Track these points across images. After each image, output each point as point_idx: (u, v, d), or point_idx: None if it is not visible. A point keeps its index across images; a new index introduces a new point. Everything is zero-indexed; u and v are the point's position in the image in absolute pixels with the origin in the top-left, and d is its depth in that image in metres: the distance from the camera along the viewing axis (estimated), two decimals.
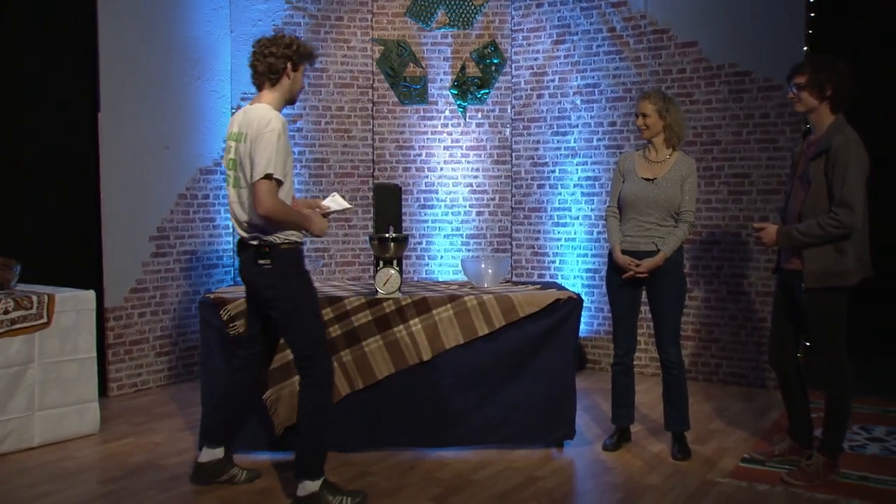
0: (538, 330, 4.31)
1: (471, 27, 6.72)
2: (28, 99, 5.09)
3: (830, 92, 3.78)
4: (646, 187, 4.29)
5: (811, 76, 3.80)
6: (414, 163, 6.75)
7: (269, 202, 3.36)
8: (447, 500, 3.68)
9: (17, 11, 5.00)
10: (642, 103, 4.31)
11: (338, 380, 4.20)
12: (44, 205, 5.19)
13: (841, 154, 3.68)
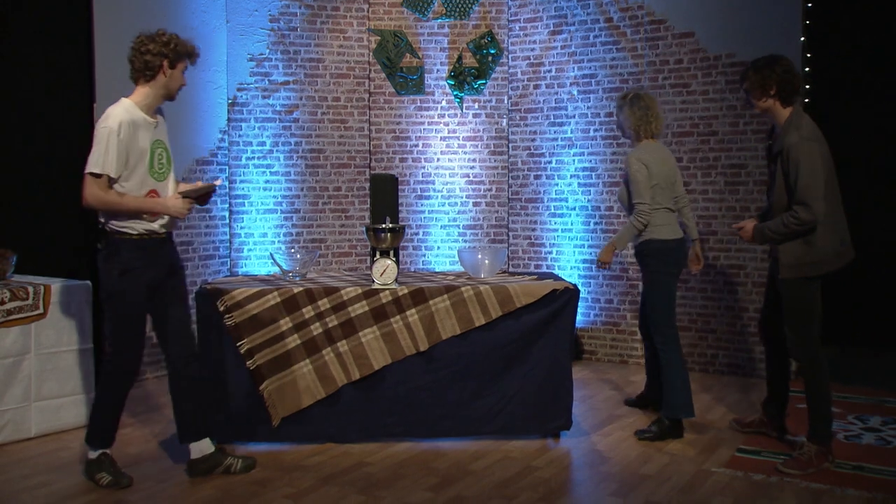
0: (535, 320, 4.32)
1: (467, 17, 6.71)
2: (24, 90, 5.06)
3: (774, 90, 3.96)
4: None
5: (753, 80, 4.02)
6: (411, 153, 6.74)
7: (88, 196, 3.59)
8: (444, 491, 3.69)
9: (13, 2, 4.97)
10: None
11: (334, 371, 4.20)
12: (39, 195, 5.17)
13: (792, 154, 3.83)
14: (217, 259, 6.26)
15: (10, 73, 5.00)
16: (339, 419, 4.27)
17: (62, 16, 5.27)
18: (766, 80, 3.97)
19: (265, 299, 4.18)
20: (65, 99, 5.31)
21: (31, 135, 5.12)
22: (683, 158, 6.03)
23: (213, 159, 6.19)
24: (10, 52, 4.96)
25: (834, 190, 3.95)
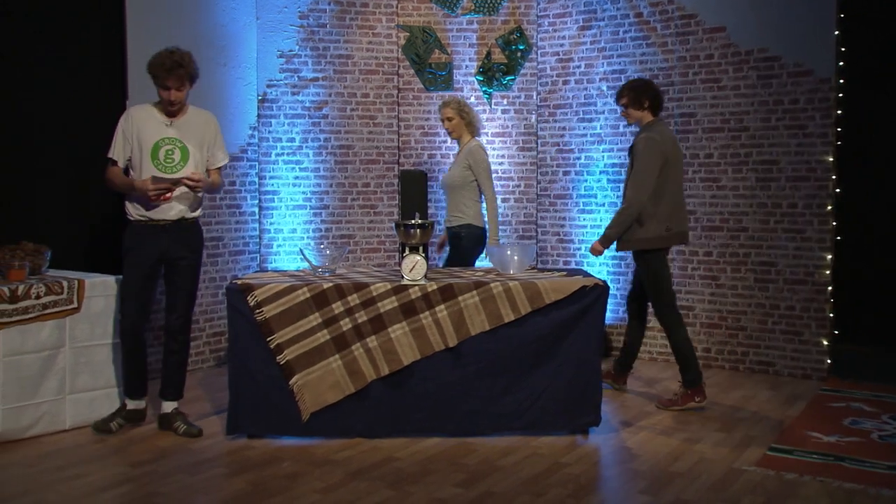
0: (564, 317, 4.31)
1: (496, 13, 6.70)
2: (58, 88, 5.12)
3: (648, 103, 4.89)
4: None
5: (631, 98, 4.91)
6: (439, 149, 6.74)
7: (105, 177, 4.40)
8: (473, 486, 3.69)
9: (47, 2, 5.02)
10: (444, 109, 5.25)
11: (364, 366, 4.22)
12: (74, 191, 5.23)
13: (637, 149, 4.79)
14: (247, 255, 6.31)
15: (45, 71, 5.06)
16: (369, 414, 4.29)
17: (95, 14, 5.33)
18: (641, 96, 4.88)
19: (295, 295, 4.20)
20: (97, 97, 5.36)
21: (65, 132, 5.17)
22: (714, 154, 5.99)
23: (242, 155, 6.23)
24: (44, 52, 5.02)
25: (668, 186, 4.82)
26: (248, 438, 4.32)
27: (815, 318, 5.66)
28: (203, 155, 4.39)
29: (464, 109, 5.24)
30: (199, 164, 4.36)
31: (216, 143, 4.46)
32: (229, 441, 4.31)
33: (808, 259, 5.67)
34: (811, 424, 4.57)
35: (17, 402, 4.23)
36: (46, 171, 5.07)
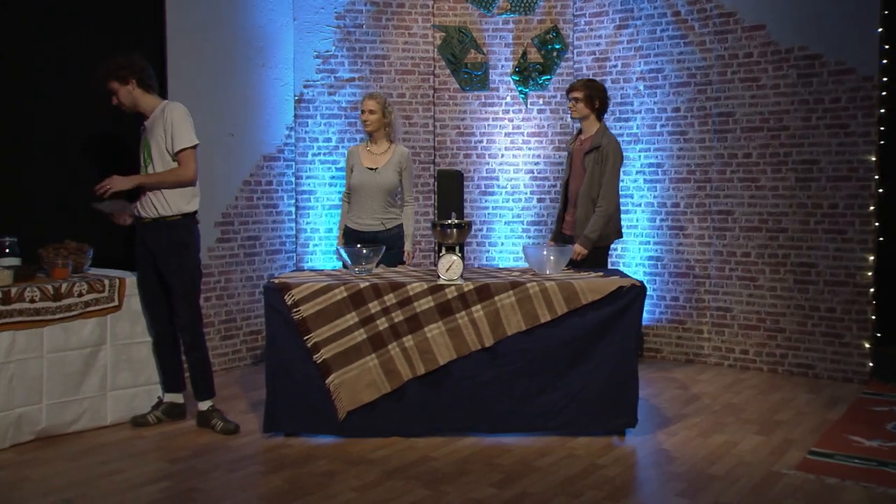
0: (601, 317, 4.28)
1: (532, 13, 6.68)
2: (97, 88, 5.18)
3: (598, 104, 5.13)
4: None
5: (586, 92, 5.10)
6: (475, 149, 6.74)
7: None
8: (508, 487, 3.69)
9: (86, 2, 5.10)
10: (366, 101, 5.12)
11: (400, 366, 4.23)
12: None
13: (607, 151, 5.03)
14: (283, 254, 6.36)
15: (86, 73, 5.13)
16: (404, 413, 4.30)
17: (135, 13, 5.39)
18: (596, 97, 5.11)
19: (332, 294, 4.23)
20: None
21: (106, 134, 5.24)
22: (753, 154, 5.92)
23: (279, 155, 6.28)
24: (84, 51, 5.09)
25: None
26: (285, 437, 4.36)
27: (857, 321, 5.57)
28: (163, 145, 4.39)
29: (387, 108, 5.15)
30: (163, 156, 4.40)
31: (172, 127, 4.37)
32: (266, 439, 4.34)
33: (850, 260, 5.58)
34: (852, 428, 4.51)
35: (61, 397, 4.31)
36: (88, 171, 5.14)
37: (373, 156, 5.13)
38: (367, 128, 5.14)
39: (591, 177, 5.06)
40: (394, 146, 5.16)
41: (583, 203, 5.09)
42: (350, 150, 5.27)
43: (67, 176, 4.90)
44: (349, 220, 5.19)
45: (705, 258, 6.17)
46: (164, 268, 4.46)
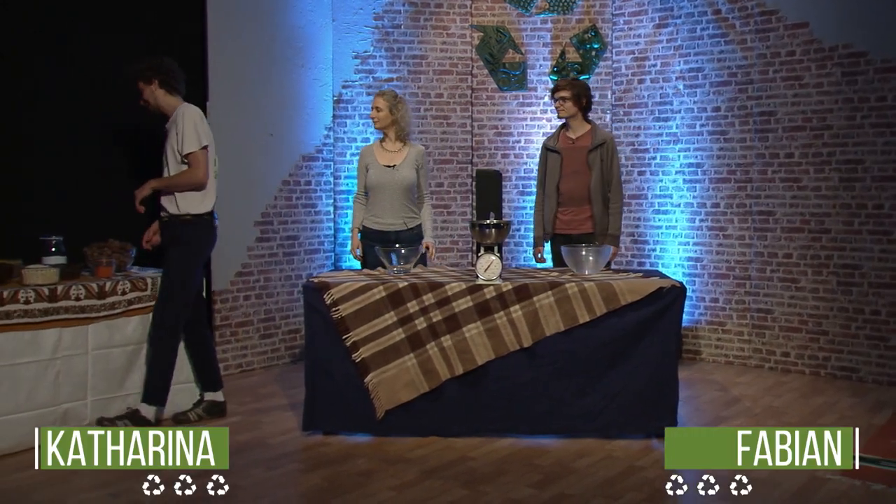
0: (640, 318, 4.25)
1: (571, 12, 6.65)
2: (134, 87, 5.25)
3: (585, 102, 5.19)
4: None
5: (573, 91, 5.16)
6: (513, 149, 6.73)
7: None
8: (547, 488, 3.67)
9: (128, 4, 5.17)
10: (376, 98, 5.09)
11: (438, 365, 4.24)
12: (156, 191, 5.37)
13: (611, 147, 5.18)
14: (322, 253, 6.40)
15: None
16: (443, 413, 4.30)
17: (176, 14, 5.46)
18: (583, 95, 5.18)
19: (371, 293, 4.24)
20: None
21: (147, 134, 5.31)
22: (795, 154, 5.84)
23: (318, 155, 6.33)
24: (127, 53, 5.16)
25: None
26: (324, 435, 4.39)
27: None
28: (176, 147, 4.46)
29: (396, 106, 5.05)
30: (176, 157, 4.47)
31: (183, 130, 4.42)
32: (305, 437, 4.38)
33: (895, 262, 5.48)
34: None
35: (105, 393, 4.38)
36: (131, 171, 5.21)
37: (388, 153, 5.06)
38: (375, 125, 5.11)
39: (600, 174, 5.13)
40: (408, 145, 5.11)
41: (597, 200, 5.14)
42: (363, 149, 5.20)
43: (112, 176, 4.97)
44: (367, 219, 5.10)
45: (746, 259, 6.10)
46: (164, 263, 4.53)
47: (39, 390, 4.11)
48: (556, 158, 5.25)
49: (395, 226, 5.04)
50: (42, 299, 4.11)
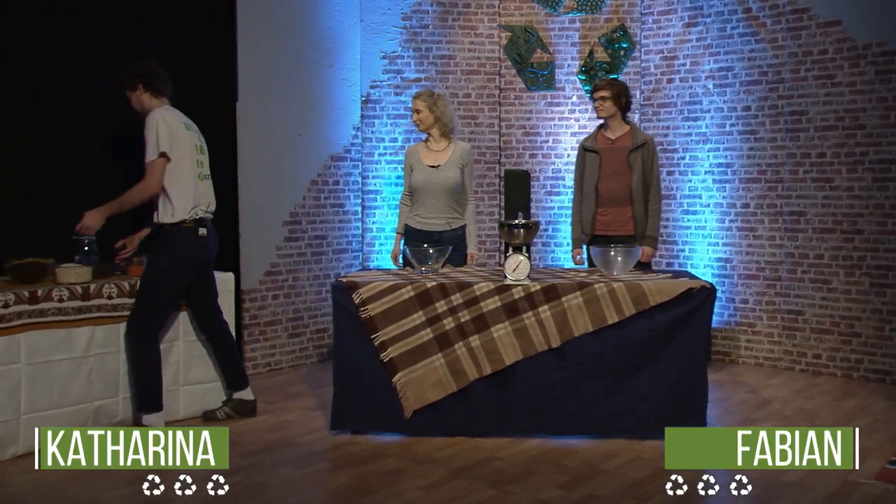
0: (669, 319, 4.22)
1: (599, 11, 6.62)
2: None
3: (624, 102, 5.16)
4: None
5: (613, 91, 5.13)
6: (541, 149, 6.72)
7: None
8: (575, 489, 3.66)
9: (159, 4, 5.22)
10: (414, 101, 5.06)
11: (466, 365, 4.24)
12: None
13: (652, 148, 5.16)
14: (350, 253, 6.42)
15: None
16: (470, 413, 4.30)
17: (206, 15, 5.51)
18: (623, 95, 5.15)
19: (399, 293, 4.25)
20: (209, 100, 5.53)
21: None
22: (827, 153, 5.77)
23: (346, 155, 6.35)
24: (157, 53, 5.21)
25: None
26: (352, 434, 4.40)
27: None
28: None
29: (435, 104, 4.99)
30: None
31: (147, 137, 4.30)
32: (333, 436, 4.39)
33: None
34: None
35: None
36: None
37: (433, 153, 5.02)
38: (419, 129, 5.06)
39: (641, 174, 5.10)
40: (453, 143, 5.06)
41: (638, 201, 5.10)
42: (409, 149, 5.17)
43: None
44: (411, 218, 5.06)
45: (776, 260, 6.04)
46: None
47: (73, 387, 4.16)
48: (594, 159, 5.19)
49: (438, 225, 4.99)
50: (75, 298, 4.17)
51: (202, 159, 4.49)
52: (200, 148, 4.50)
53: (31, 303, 4.00)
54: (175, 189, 4.31)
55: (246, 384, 4.74)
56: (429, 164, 4.99)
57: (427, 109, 4.96)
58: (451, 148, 5.02)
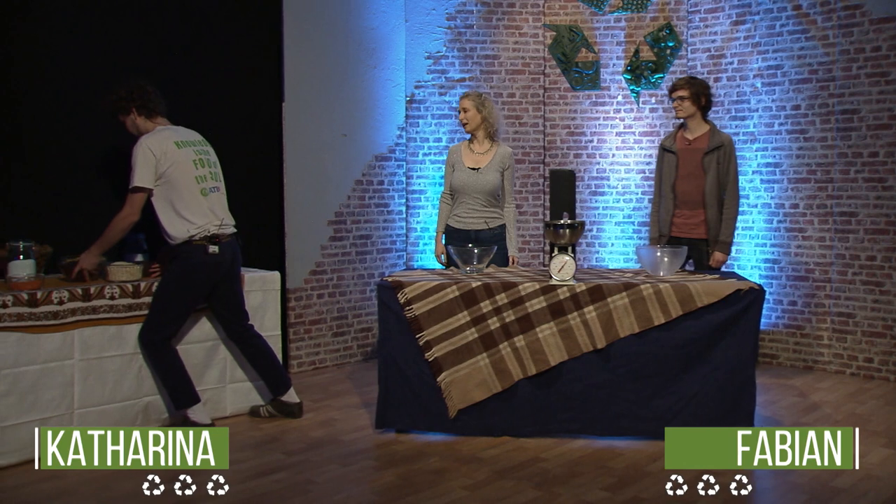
0: (717, 321, 4.17)
1: (645, 10, 6.56)
2: (217, 90, 5.37)
3: (704, 101, 5.10)
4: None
5: (691, 90, 5.07)
6: (585, 149, 6.68)
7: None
8: (621, 491, 3.63)
9: (205, 6, 5.29)
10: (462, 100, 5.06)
11: (511, 366, 4.23)
12: (232, 191, 5.47)
13: (728, 150, 5.06)
14: (394, 252, 6.44)
15: (206, 75, 5.32)
16: (515, 413, 4.29)
17: (253, 16, 5.57)
18: (702, 94, 5.09)
19: (444, 293, 4.26)
20: (255, 100, 5.60)
21: (223, 133, 5.41)
22: (879, 153, 5.65)
23: (391, 155, 6.37)
24: (205, 55, 5.28)
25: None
26: (396, 433, 4.42)
27: None
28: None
29: (483, 105, 5.01)
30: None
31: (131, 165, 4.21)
32: (378, 435, 4.42)
33: None
34: None
35: None
36: None
37: (475, 155, 5.05)
38: (466, 129, 5.07)
39: (716, 177, 5.03)
40: (496, 145, 5.06)
41: (711, 204, 5.04)
42: (451, 148, 5.18)
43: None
44: (451, 218, 5.09)
45: (826, 261, 5.93)
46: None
47: (123, 383, 4.24)
48: (671, 159, 5.17)
49: (475, 225, 5.02)
50: (126, 295, 4.24)
51: (204, 173, 4.36)
52: (202, 161, 4.37)
53: (85, 300, 4.08)
54: (174, 209, 4.25)
55: (288, 387, 4.71)
56: (469, 165, 5.03)
57: (475, 109, 4.99)
58: (494, 151, 5.04)
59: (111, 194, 4.75)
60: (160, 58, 4.99)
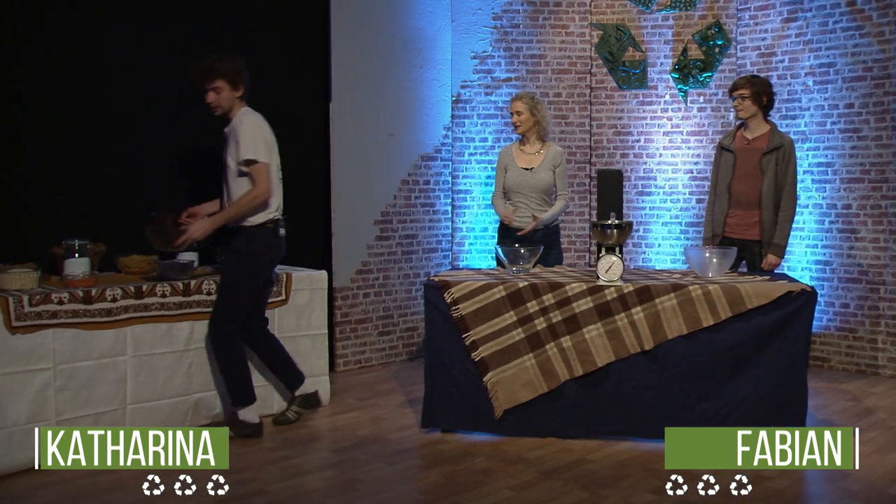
0: (767, 323, 4.11)
1: (693, 8, 6.49)
2: (265, 90, 5.39)
3: (766, 101, 4.97)
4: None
5: (753, 89, 4.95)
6: (632, 149, 6.62)
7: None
8: (669, 495, 3.59)
9: (253, 6, 5.35)
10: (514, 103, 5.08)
11: (557, 366, 4.22)
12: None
13: (788, 151, 4.93)
14: (439, 252, 6.45)
15: (253, 74, 5.35)
16: (561, 414, 4.27)
17: (300, 16, 5.61)
18: (763, 93, 4.96)
19: (491, 293, 4.25)
20: (303, 99, 5.65)
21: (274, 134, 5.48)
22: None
23: (437, 155, 6.39)
24: (253, 55, 5.33)
25: None
26: (442, 433, 4.42)
27: None
28: (234, 155, 4.21)
29: (536, 107, 5.05)
30: (232, 167, 4.24)
31: (238, 137, 4.18)
32: (423, 434, 4.43)
33: None
34: None
35: None
36: None
37: (527, 156, 5.11)
38: (517, 130, 5.10)
39: (773, 179, 4.91)
40: (547, 145, 5.13)
41: (767, 206, 4.91)
42: (503, 150, 5.26)
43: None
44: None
45: (880, 263, 5.81)
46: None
47: (174, 379, 4.31)
48: (729, 158, 5.07)
49: (528, 223, 5.03)
50: (177, 293, 4.31)
51: (279, 161, 4.44)
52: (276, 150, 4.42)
53: (137, 298, 4.15)
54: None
55: (303, 379, 4.63)
56: (522, 166, 5.09)
57: (528, 111, 5.04)
58: (545, 150, 5.11)
59: (165, 193, 4.83)
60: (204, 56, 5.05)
